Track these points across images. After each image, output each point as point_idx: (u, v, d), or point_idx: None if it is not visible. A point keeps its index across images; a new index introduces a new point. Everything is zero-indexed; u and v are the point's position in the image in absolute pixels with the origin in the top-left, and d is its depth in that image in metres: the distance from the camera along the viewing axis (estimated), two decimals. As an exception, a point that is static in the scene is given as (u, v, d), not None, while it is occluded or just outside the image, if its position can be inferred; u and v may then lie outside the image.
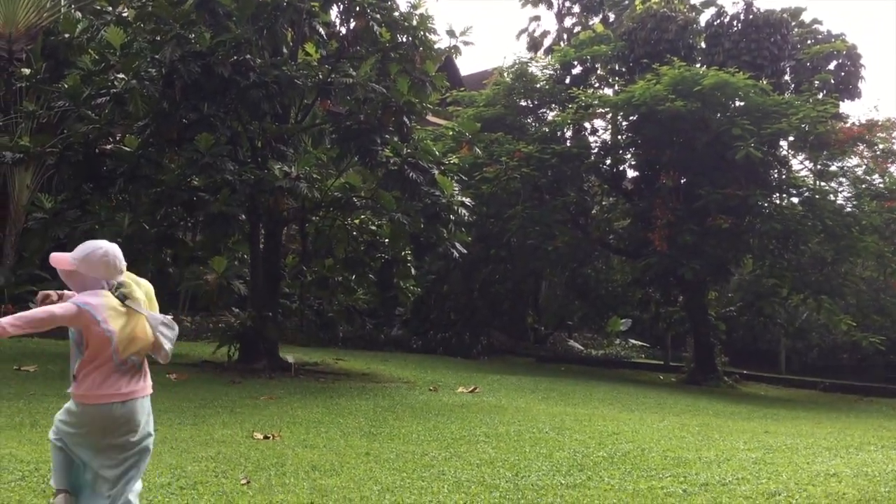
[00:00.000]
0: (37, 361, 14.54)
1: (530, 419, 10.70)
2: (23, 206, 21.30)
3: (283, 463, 6.90)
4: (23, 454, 6.90)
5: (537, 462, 7.34)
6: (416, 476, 6.50)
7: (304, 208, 15.74)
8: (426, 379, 16.02)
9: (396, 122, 15.01)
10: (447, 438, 8.80)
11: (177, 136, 14.03)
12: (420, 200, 14.62)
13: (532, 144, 22.17)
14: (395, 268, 16.78)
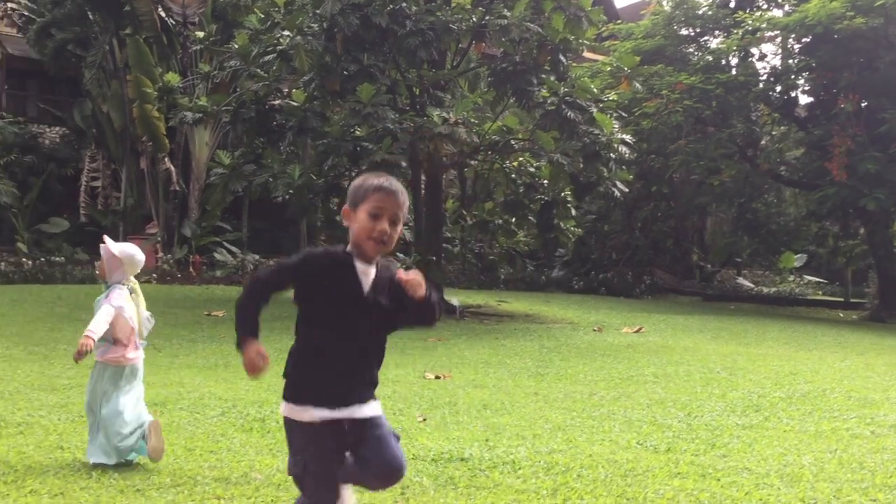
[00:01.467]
0: (224, 307, 15.68)
1: (700, 359, 10.48)
2: (204, 162, 22.81)
3: (456, 402, 7.14)
4: (220, 392, 7.51)
5: (710, 402, 7.21)
6: (586, 415, 6.56)
7: (462, 153, 15.88)
8: (589, 319, 15.97)
9: (552, 61, 14.77)
10: (615, 378, 8.79)
11: (339, 88, 14.45)
12: (579, 140, 14.39)
13: (694, 75, 21.20)
14: (555, 209, 16.68)
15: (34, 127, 23.66)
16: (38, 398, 7.00)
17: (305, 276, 2.83)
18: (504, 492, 4.04)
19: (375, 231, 2.71)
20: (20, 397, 7.02)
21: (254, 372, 2.87)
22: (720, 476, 4.29)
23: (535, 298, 20.86)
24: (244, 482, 4.25)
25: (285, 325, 12.76)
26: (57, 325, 12.59)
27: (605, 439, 5.51)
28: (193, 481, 4.26)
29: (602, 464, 4.65)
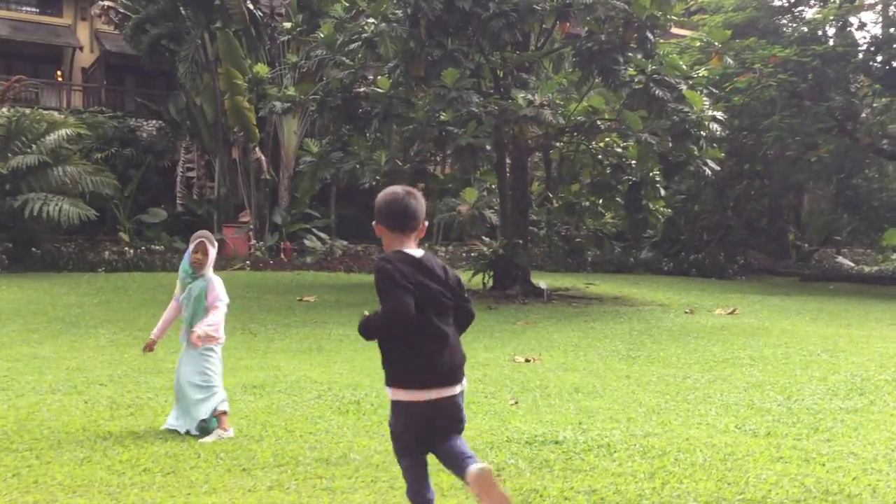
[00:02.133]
0: (315, 292, 16.04)
1: (798, 341, 10.17)
2: (293, 151, 23.31)
3: (547, 385, 7.13)
4: (315, 375, 7.69)
5: (810, 385, 7.00)
6: (681, 398, 6.46)
7: (548, 135, 15.76)
8: (680, 301, 15.67)
9: (639, 39, 14.48)
10: (709, 361, 8.62)
11: (424, 73, 14.53)
12: (668, 118, 14.08)
13: (789, 47, 20.45)
14: (644, 189, 16.38)
15: (132, 121, 24.66)
16: (145, 381, 7.32)
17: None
18: (600, 475, 4.03)
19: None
20: (129, 381, 7.36)
21: None
22: (825, 461, 4.17)
23: (624, 280, 20.58)
24: (343, 463, 4.36)
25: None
26: (158, 312, 12.86)
27: (701, 423, 5.42)
28: (295, 461, 4.39)
29: (700, 448, 4.58)
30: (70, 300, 14.03)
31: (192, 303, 5.29)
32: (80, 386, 7.04)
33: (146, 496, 3.72)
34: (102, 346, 9.71)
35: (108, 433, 5.13)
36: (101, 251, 20.02)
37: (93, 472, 4.18)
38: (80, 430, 5.22)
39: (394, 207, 3.21)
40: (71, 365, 8.24)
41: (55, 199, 17.38)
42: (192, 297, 5.28)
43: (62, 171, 17.73)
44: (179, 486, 3.92)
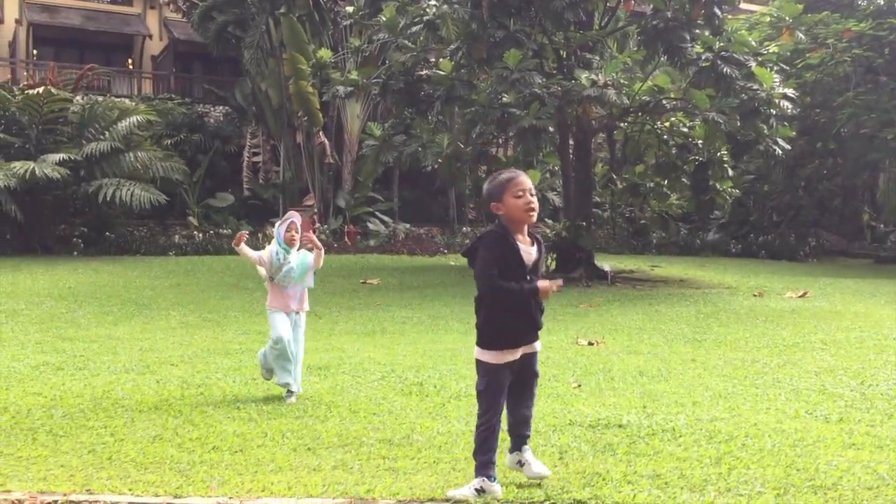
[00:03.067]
0: (378, 275, 16.20)
1: (872, 325, 9.86)
2: (356, 135, 23.50)
3: (610, 368, 7.07)
4: (379, 357, 7.78)
5: (885, 370, 6.78)
6: (749, 383, 6.33)
7: (611, 115, 15.55)
8: (749, 284, 15.34)
9: (706, 15, 14.13)
10: (778, 345, 8.42)
11: (486, 55, 14.45)
12: (736, 96, 13.74)
13: (864, 21, 19.73)
14: (711, 170, 16.05)
15: (200, 107, 25.15)
16: (214, 361, 7.51)
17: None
18: (665, 459, 3.98)
19: (529, 204, 3.49)
20: (198, 361, 7.55)
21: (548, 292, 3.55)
22: (900, 448, 4.05)
23: (690, 263, 20.23)
24: (406, 444, 4.40)
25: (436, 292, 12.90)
26: (227, 294, 13.41)
27: (770, 408, 5.31)
28: (359, 442, 4.45)
29: (768, 433, 4.48)
30: (142, 283, 14.44)
31: (296, 271, 5.93)
32: (152, 366, 7.26)
33: (214, 473, 3.82)
34: (173, 328, 9.98)
35: (178, 412, 5.28)
36: (171, 235, 20.53)
37: (164, 449, 4.31)
38: (152, 409, 5.38)
39: None
40: (144, 346, 8.51)
41: (127, 184, 17.88)
42: (295, 267, 5.91)
43: (134, 156, 18.21)
44: (247, 464, 4.01)
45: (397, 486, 3.52)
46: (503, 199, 3.53)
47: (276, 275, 5.91)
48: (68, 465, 4.01)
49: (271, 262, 5.89)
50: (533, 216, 3.52)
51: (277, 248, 5.89)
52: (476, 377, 3.70)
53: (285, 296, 5.94)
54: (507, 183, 3.52)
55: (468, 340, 9.22)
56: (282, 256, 5.87)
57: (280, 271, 5.89)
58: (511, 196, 3.50)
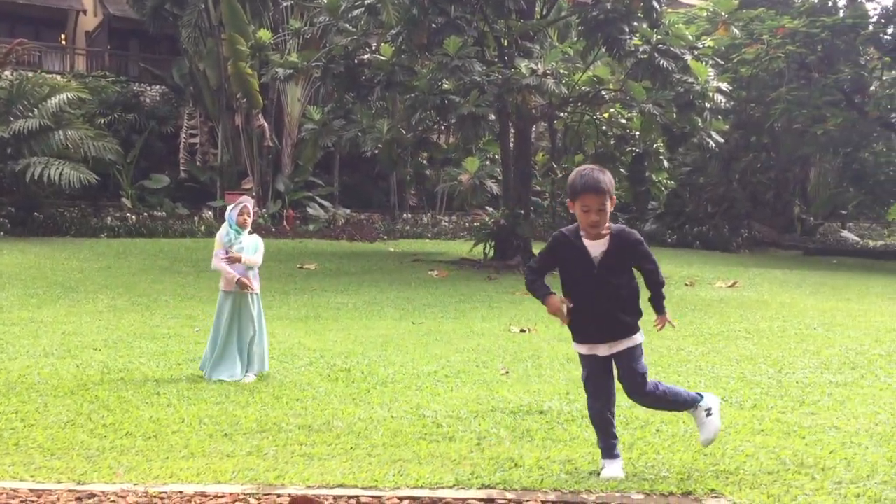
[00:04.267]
0: (316, 260, 16.06)
1: (796, 315, 10.14)
2: (296, 118, 23.20)
3: (539, 355, 7.13)
4: (309, 342, 7.72)
5: (803, 359, 6.98)
6: (672, 370, 6.45)
7: (551, 105, 15.65)
8: (682, 273, 15.64)
9: (645, 8, 14.29)
10: (704, 334, 8.60)
11: (427, 41, 14.40)
12: (672, 89, 13.97)
13: (798, 18, 20.20)
14: (647, 161, 16.29)
15: (135, 86, 24.49)
16: (139, 346, 7.36)
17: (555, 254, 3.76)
18: (580, 445, 4.03)
19: (589, 222, 3.55)
20: (123, 345, 7.39)
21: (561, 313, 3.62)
22: (805, 434, 4.15)
23: (627, 252, 20.49)
24: (326, 430, 4.37)
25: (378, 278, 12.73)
26: (159, 278, 13.16)
27: (689, 395, 5.41)
28: (278, 428, 4.40)
29: (683, 419, 4.56)
30: (71, 265, 14.08)
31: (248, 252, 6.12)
32: (73, 350, 7.08)
33: (123, 460, 3.74)
34: (101, 311, 9.76)
35: (95, 397, 5.16)
36: (103, 217, 20.03)
37: (75, 435, 4.21)
38: (68, 394, 5.25)
39: None
40: (67, 329, 8.29)
41: (57, 163, 17.36)
42: (246, 249, 6.11)
43: (64, 135, 17.67)
44: (159, 450, 3.94)
45: (308, 472, 3.49)
46: (574, 203, 3.62)
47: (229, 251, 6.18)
48: (-29, 452, 3.88)
49: (225, 241, 6.15)
50: (592, 233, 3.58)
51: (229, 230, 6.14)
52: None
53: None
54: (577, 192, 3.57)
55: (402, 327, 9.23)
56: (233, 236, 6.11)
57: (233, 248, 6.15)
58: (578, 207, 3.59)
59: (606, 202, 3.54)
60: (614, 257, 3.59)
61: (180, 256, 15.52)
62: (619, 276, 3.61)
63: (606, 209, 3.55)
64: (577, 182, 3.57)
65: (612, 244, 3.59)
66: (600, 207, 3.52)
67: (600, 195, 3.51)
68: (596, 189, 3.51)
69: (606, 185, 3.55)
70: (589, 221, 3.54)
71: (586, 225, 3.56)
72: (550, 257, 3.72)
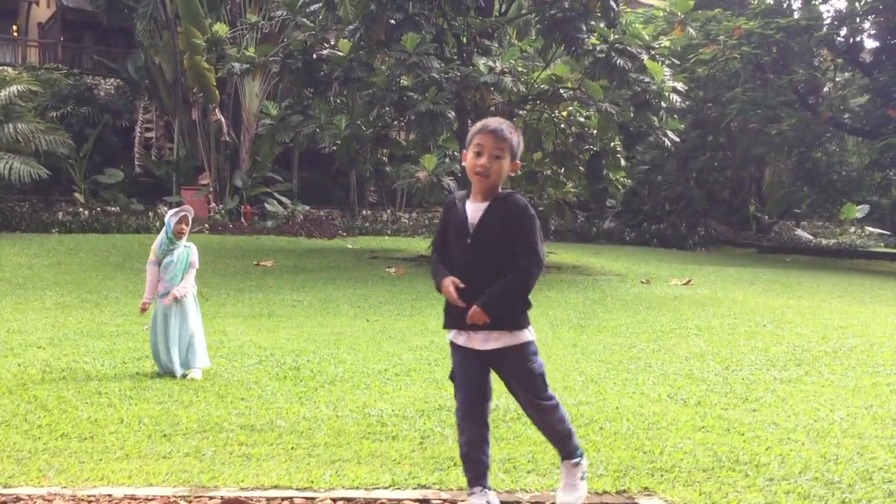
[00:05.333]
0: (273, 257, 15.91)
1: (747, 312, 10.28)
2: (254, 113, 22.94)
3: (492, 352, 7.13)
4: (260, 341, 7.63)
5: (751, 356, 7.08)
6: (622, 368, 6.50)
7: (510, 102, 15.67)
8: (638, 271, 15.78)
9: (603, 7, 14.39)
10: (657, 331, 8.68)
11: (385, 37, 14.32)
12: (629, 88, 14.07)
13: (753, 20, 20.49)
14: (605, 159, 16.39)
15: (89, 79, 24.02)
16: (85, 344, 7.21)
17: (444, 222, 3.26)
18: (522, 443, 4.03)
19: (477, 165, 3.04)
20: (68, 343, 7.24)
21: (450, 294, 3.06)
22: (745, 430, 4.20)
23: (585, 250, 20.67)
24: (269, 429, 4.31)
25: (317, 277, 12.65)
26: (110, 274, 12.92)
27: (636, 392, 5.45)
28: (219, 428, 4.34)
29: (628, 416, 4.60)
30: (20, 261, 13.77)
31: (176, 266, 6.11)
32: (16, 348, 6.91)
33: (55, 461, 3.65)
34: (48, 309, 9.55)
35: (33, 396, 5.04)
36: (55, 212, 19.64)
37: (7, 436, 4.10)
38: (5, 393, 5.12)
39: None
40: (11, 327, 8.10)
41: (5, 156, 16.96)
42: (176, 262, 6.10)
43: (14, 128, 17.28)
44: (93, 451, 3.85)
45: (244, 474, 3.43)
46: (468, 150, 3.11)
47: (162, 260, 6.16)
48: None
49: (159, 248, 6.13)
50: (479, 181, 3.05)
51: (164, 239, 6.12)
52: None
53: (162, 282, 6.17)
54: (473, 134, 3.09)
55: (356, 324, 9.17)
56: (166, 247, 6.10)
57: (166, 257, 6.15)
58: (472, 151, 3.08)
59: (505, 153, 3.03)
60: (492, 226, 3.03)
61: (133, 253, 15.27)
62: (497, 250, 3.02)
63: (503, 163, 3.03)
64: (476, 126, 3.12)
65: (491, 208, 3.05)
66: (496, 154, 3.01)
67: (499, 140, 3.01)
68: (494, 131, 3.03)
69: (507, 134, 3.05)
70: (478, 164, 3.01)
71: (473, 171, 3.03)
72: (442, 226, 3.24)
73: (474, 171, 3.03)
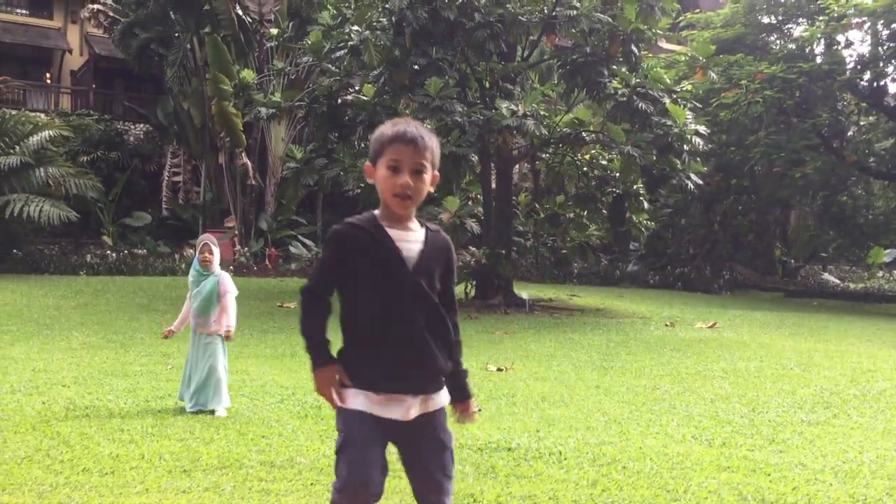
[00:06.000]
0: (296, 299, 15.96)
1: (774, 355, 10.15)
2: (279, 157, 23.26)
3: (514, 394, 7.08)
4: (283, 380, 7.63)
5: (778, 398, 6.97)
6: (646, 409, 6.42)
7: (532, 146, 15.77)
8: (662, 314, 15.65)
9: (624, 52, 14.52)
10: (681, 373, 8.59)
11: (408, 82, 14.51)
12: (651, 131, 14.11)
13: (776, 64, 20.53)
14: (627, 202, 16.39)
15: (119, 124, 24.56)
16: (109, 383, 7.25)
17: (344, 259, 2.50)
18: (544, 481, 3.98)
19: (397, 186, 2.42)
20: (92, 382, 7.28)
21: (324, 391, 2.56)
22: (771, 471, 4.13)
23: (609, 293, 20.56)
24: (288, 466, 4.30)
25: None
26: (136, 315, 13.03)
27: (659, 433, 5.38)
28: (239, 464, 4.33)
29: (651, 456, 4.54)
30: (47, 302, 13.93)
31: (204, 296, 6.09)
32: (41, 387, 6.96)
33: (75, 495, 3.66)
34: (74, 349, 9.63)
35: (56, 433, 5.06)
36: (83, 254, 19.92)
37: (30, 471, 4.12)
38: (29, 430, 5.15)
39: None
40: (38, 366, 8.17)
41: (36, 200, 17.30)
42: (203, 292, 6.08)
43: (45, 172, 17.65)
44: (114, 486, 3.86)
45: (263, 508, 3.43)
46: (377, 163, 2.51)
47: (192, 292, 6.20)
48: (-79, 487, 3.79)
49: (193, 282, 6.22)
50: (401, 205, 2.46)
51: (193, 271, 6.23)
52: None
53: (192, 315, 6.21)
54: (385, 143, 2.47)
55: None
56: (195, 278, 6.17)
57: (195, 288, 6.19)
58: (383, 165, 2.47)
59: (426, 166, 2.45)
60: (433, 262, 2.50)
61: (159, 294, 15.40)
62: (440, 290, 2.52)
63: (425, 178, 2.47)
64: (386, 131, 2.49)
65: (429, 241, 2.51)
66: (417, 168, 2.43)
67: (419, 152, 2.43)
68: (413, 141, 2.43)
69: (428, 142, 2.46)
70: (399, 185, 2.41)
71: (392, 192, 2.43)
72: (334, 262, 2.52)
73: (393, 193, 2.43)
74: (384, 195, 2.48)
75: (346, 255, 2.48)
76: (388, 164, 2.44)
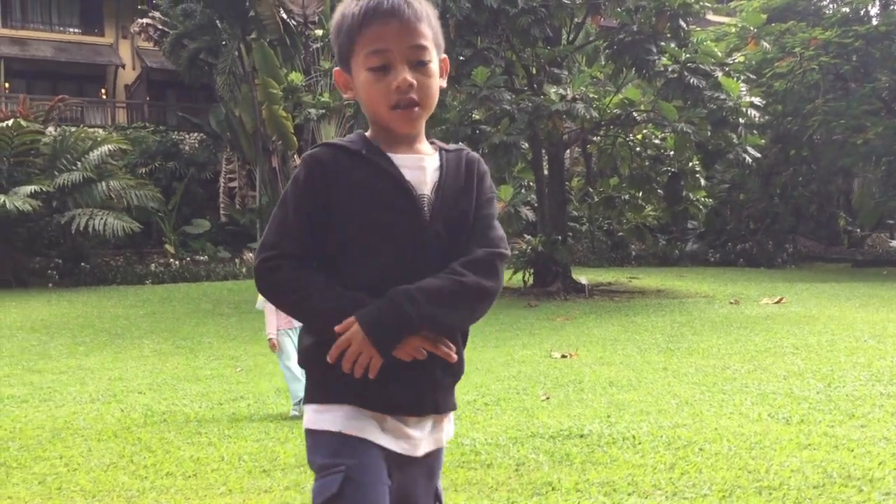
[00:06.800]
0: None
1: (845, 328, 9.89)
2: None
3: (581, 380, 7.05)
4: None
5: (853, 372, 6.80)
6: (717, 389, 6.33)
7: (583, 129, 15.61)
8: (726, 292, 15.39)
9: (672, 28, 14.26)
10: (750, 351, 8.43)
11: (455, 73, 14.49)
12: (704, 106, 13.84)
13: (830, 29, 19.95)
14: (683, 180, 16.11)
15: (174, 134, 25.07)
16: (182, 388, 7.43)
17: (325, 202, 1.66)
18: (620, 467, 3.96)
19: (391, 91, 1.63)
20: (166, 388, 7.47)
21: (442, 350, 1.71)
22: (854, 447, 4.03)
23: (669, 273, 20.28)
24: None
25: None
26: (202, 321, 13.31)
27: (734, 413, 5.30)
28: (316, 461, 4.39)
29: (727, 437, 4.47)
30: (117, 312, 14.33)
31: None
32: (119, 395, 7.17)
33: (162, 499, 3.76)
34: (146, 356, 9.89)
35: (137, 439, 5.21)
36: (147, 264, 20.42)
37: (116, 477, 4.25)
38: (111, 437, 5.31)
39: None
40: (113, 375, 8.42)
41: (100, 213, 17.79)
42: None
43: (106, 186, 18.14)
44: (197, 488, 3.95)
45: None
46: (350, 64, 1.69)
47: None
48: (16, 497, 3.94)
49: None
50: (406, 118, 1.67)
51: None
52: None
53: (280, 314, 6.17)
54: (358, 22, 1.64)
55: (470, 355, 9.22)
56: None
57: None
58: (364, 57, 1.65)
59: (427, 49, 1.66)
60: (455, 195, 1.70)
61: (223, 299, 15.71)
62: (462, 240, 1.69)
63: (430, 68, 1.68)
64: (351, 9, 1.66)
65: (450, 168, 1.73)
66: (415, 55, 1.65)
67: (409, 25, 1.63)
68: (395, 11, 1.62)
69: (417, 9, 1.65)
70: (395, 87, 1.62)
71: (389, 104, 1.64)
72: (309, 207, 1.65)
73: (390, 105, 1.64)
74: (377, 112, 1.67)
75: (329, 196, 1.65)
76: (367, 60, 1.63)
